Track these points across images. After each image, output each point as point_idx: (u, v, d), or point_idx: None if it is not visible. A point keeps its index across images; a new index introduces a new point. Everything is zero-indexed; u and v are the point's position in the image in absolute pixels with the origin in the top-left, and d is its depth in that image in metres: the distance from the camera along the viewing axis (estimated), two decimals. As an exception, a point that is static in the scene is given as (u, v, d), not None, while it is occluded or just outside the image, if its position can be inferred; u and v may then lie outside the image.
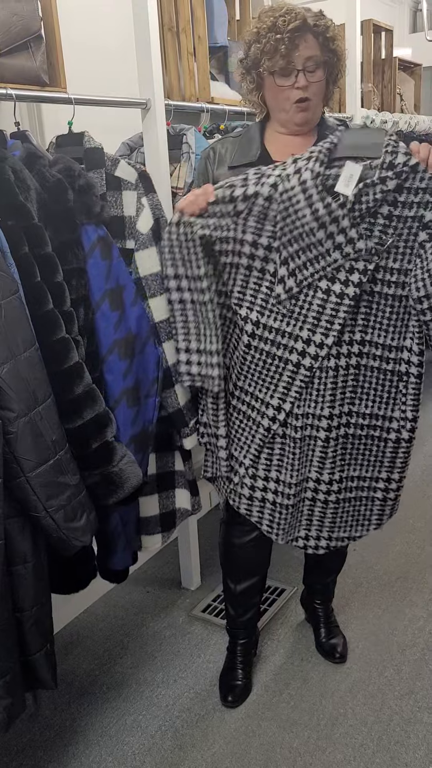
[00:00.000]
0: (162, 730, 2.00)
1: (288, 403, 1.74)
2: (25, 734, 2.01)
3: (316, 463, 1.79)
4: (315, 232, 1.61)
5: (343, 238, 1.60)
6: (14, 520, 1.49)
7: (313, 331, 1.68)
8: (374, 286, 1.66)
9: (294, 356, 1.71)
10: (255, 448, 1.82)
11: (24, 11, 1.75)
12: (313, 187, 1.58)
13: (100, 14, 2.42)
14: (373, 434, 1.81)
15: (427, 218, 1.60)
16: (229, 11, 2.74)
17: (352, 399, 1.76)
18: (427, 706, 2.03)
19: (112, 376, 1.74)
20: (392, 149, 1.57)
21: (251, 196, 1.62)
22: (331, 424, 1.75)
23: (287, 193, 1.60)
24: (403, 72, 4.15)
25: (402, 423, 1.79)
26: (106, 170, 1.81)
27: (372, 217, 1.61)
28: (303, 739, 1.95)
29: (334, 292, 1.65)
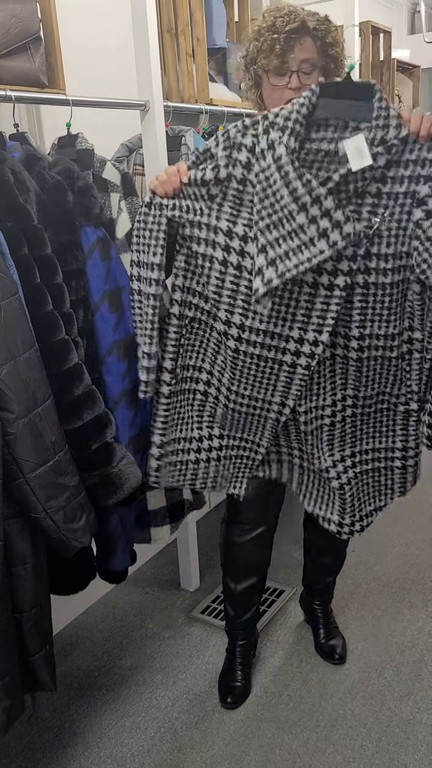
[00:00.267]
0: (161, 732, 2.00)
1: (291, 399, 1.66)
2: (24, 736, 2.01)
3: (326, 447, 1.73)
4: (295, 216, 1.41)
5: (327, 223, 1.40)
6: (14, 521, 1.49)
7: (305, 329, 1.55)
8: (368, 277, 1.50)
9: (288, 357, 1.59)
10: (269, 433, 1.75)
11: (23, 13, 1.75)
12: (289, 163, 1.40)
13: (99, 16, 2.42)
14: (381, 407, 1.73)
15: (423, 193, 1.43)
16: (228, 13, 2.74)
17: (356, 386, 1.65)
18: (426, 707, 2.03)
19: (112, 377, 1.75)
20: (384, 122, 1.41)
21: (224, 179, 1.47)
22: (335, 409, 1.69)
23: (263, 173, 1.43)
24: (402, 73, 4.15)
25: (409, 396, 1.69)
26: (94, 172, 1.82)
27: (359, 197, 1.44)
28: (302, 741, 1.95)
29: (322, 284, 1.49)
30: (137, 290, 1.65)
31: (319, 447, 1.74)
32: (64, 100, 1.83)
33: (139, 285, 1.63)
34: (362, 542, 2.85)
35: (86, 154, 1.82)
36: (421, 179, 1.44)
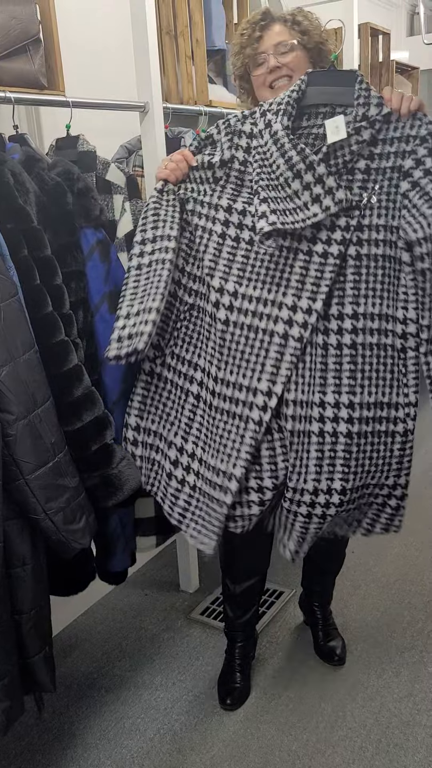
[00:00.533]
0: (160, 734, 2.00)
1: (279, 384, 1.56)
2: (23, 737, 2.01)
3: (313, 467, 1.61)
4: (290, 183, 1.52)
5: (321, 189, 1.50)
6: (13, 522, 1.49)
7: (299, 296, 1.55)
8: (360, 249, 1.55)
9: (280, 326, 1.56)
10: (246, 451, 1.59)
11: (23, 15, 1.76)
12: (284, 136, 1.52)
13: (98, 18, 2.43)
14: (379, 429, 1.62)
15: (407, 166, 1.53)
16: (227, 15, 2.75)
17: (352, 387, 1.58)
18: (425, 708, 2.03)
19: (111, 378, 1.75)
20: (364, 101, 1.53)
21: (228, 161, 1.60)
22: (324, 414, 1.58)
23: (261, 148, 1.57)
24: (401, 75, 4.16)
25: (407, 410, 1.62)
26: (97, 173, 1.82)
27: (350, 173, 1.54)
28: (302, 742, 1.94)
29: (316, 252, 1.54)
30: (146, 263, 1.61)
31: (304, 463, 1.61)
32: (64, 102, 1.83)
33: (139, 260, 1.62)
34: (362, 544, 2.85)
35: (88, 156, 1.83)
36: (406, 154, 1.53)
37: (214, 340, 1.62)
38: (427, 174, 1.52)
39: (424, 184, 1.52)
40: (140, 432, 1.74)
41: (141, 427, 1.74)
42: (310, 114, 1.59)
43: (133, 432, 1.75)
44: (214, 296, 1.60)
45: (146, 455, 1.77)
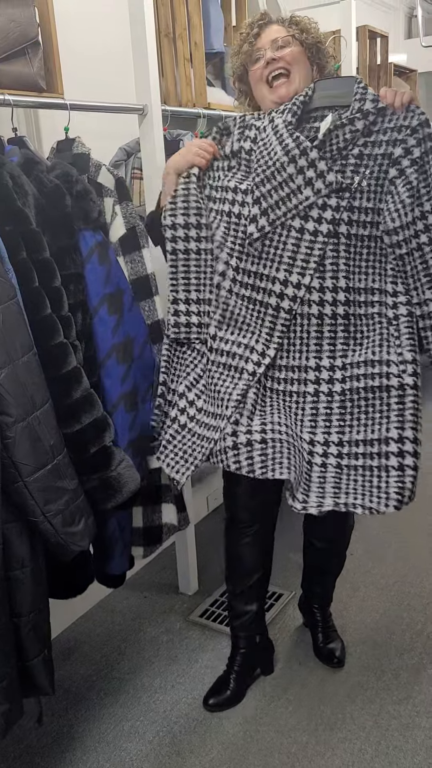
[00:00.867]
0: (160, 736, 2.00)
1: (272, 349, 1.71)
2: (22, 740, 2.00)
3: (308, 422, 1.71)
4: (286, 167, 1.63)
5: (313, 173, 1.62)
6: (12, 524, 1.49)
7: (290, 271, 1.67)
8: (351, 228, 1.66)
9: (273, 299, 1.70)
10: (238, 394, 1.72)
11: (21, 18, 1.76)
12: (284, 128, 1.65)
13: (97, 20, 2.43)
14: (372, 385, 1.66)
15: (396, 154, 1.62)
16: (225, 17, 2.75)
17: (345, 351, 1.71)
18: (425, 710, 2.03)
19: (110, 380, 1.75)
20: (360, 96, 1.63)
21: (237, 151, 1.74)
22: (319, 376, 1.71)
23: (263, 140, 1.69)
24: (399, 78, 4.17)
25: (402, 367, 1.64)
26: (89, 176, 1.82)
27: (344, 159, 1.64)
28: (301, 745, 1.94)
29: (307, 230, 1.66)
30: (183, 249, 1.76)
31: (299, 419, 1.71)
32: (63, 105, 1.84)
33: (186, 245, 1.77)
34: (361, 546, 2.85)
35: (82, 159, 1.83)
36: (397, 142, 1.63)
37: (216, 304, 1.77)
38: (414, 164, 1.61)
39: (409, 173, 1.62)
40: (168, 392, 1.87)
41: (168, 386, 1.88)
42: (316, 117, 1.70)
43: (159, 398, 1.87)
44: (221, 267, 1.75)
45: (167, 411, 1.88)
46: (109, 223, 1.82)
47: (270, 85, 1.78)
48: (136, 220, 1.86)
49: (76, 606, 2.48)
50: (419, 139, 1.61)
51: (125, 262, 1.85)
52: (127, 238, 1.83)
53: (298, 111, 1.68)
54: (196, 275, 1.78)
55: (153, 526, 2.08)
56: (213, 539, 2.81)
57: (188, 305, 1.79)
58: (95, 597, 2.59)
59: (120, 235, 1.83)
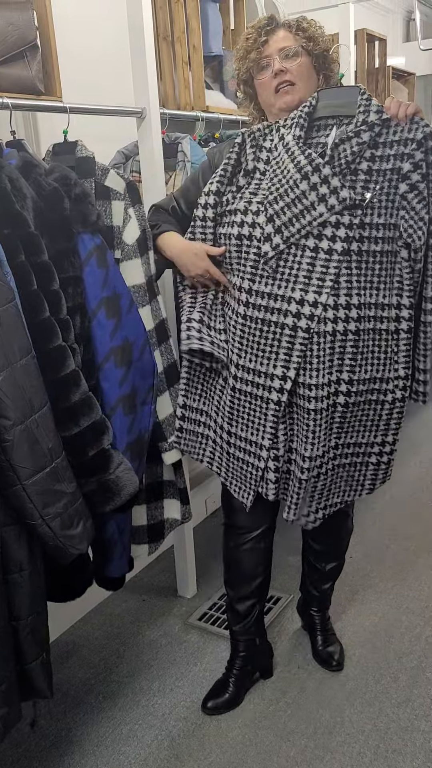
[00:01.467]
0: (158, 740, 1.99)
1: (292, 370, 1.72)
2: (20, 744, 2.00)
3: (323, 436, 1.77)
4: (299, 184, 1.63)
5: (326, 189, 1.62)
6: (10, 528, 1.48)
7: (306, 290, 1.68)
8: (362, 245, 1.66)
9: (289, 319, 1.70)
10: (271, 426, 1.79)
11: (20, 21, 1.76)
12: (294, 144, 1.66)
13: (95, 23, 2.43)
14: (370, 398, 1.79)
15: (405, 169, 1.63)
16: (223, 21, 2.76)
17: (352, 366, 1.74)
18: (424, 713, 2.03)
19: (108, 383, 1.75)
20: (364, 108, 1.64)
21: (252, 170, 1.76)
22: (330, 391, 1.73)
23: (275, 159, 1.71)
24: (397, 81, 4.17)
25: (396, 382, 1.79)
26: (96, 179, 1.82)
27: (353, 174, 1.64)
28: (300, 748, 1.94)
29: (322, 248, 1.66)
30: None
31: (317, 435, 1.76)
32: (61, 108, 1.84)
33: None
34: (359, 549, 2.85)
35: (87, 162, 1.83)
36: (405, 157, 1.64)
37: (233, 331, 1.80)
38: (425, 178, 1.63)
39: (422, 188, 1.64)
40: (186, 409, 1.97)
41: (187, 405, 1.96)
42: (320, 126, 1.71)
43: (181, 409, 1.97)
44: (235, 293, 1.78)
45: (191, 429, 1.98)
46: (122, 226, 1.83)
47: (276, 91, 1.77)
48: (147, 223, 1.87)
49: (75, 609, 2.48)
50: (425, 152, 1.62)
51: (141, 263, 1.86)
52: (142, 240, 1.85)
53: (305, 123, 1.68)
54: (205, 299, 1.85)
55: (156, 522, 2.09)
56: (212, 542, 2.81)
57: (201, 323, 1.84)
58: (94, 600, 2.58)
59: (136, 237, 1.84)
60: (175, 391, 1.99)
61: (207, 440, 1.97)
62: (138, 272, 1.86)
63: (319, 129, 1.71)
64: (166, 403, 1.98)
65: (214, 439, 1.95)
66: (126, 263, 1.85)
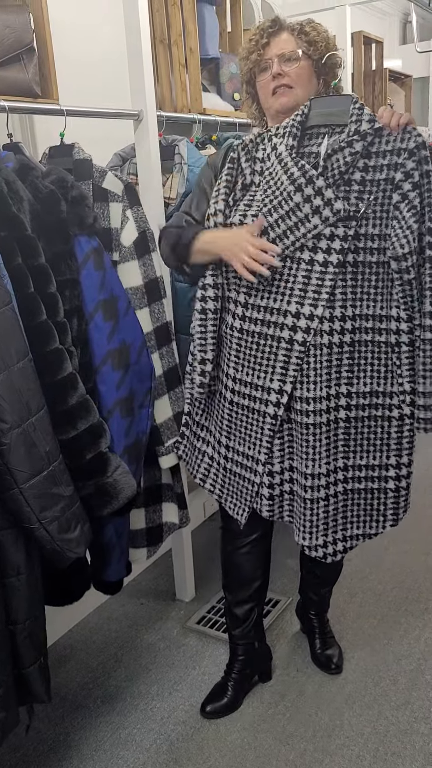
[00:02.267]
0: (157, 744, 1.99)
1: (288, 384, 1.71)
2: (18, 749, 1.99)
3: (324, 453, 1.75)
4: (292, 196, 1.62)
5: (320, 201, 1.61)
6: (7, 531, 1.48)
7: (301, 303, 1.67)
8: (357, 256, 1.66)
9: (285, 332, 1.69)
10: (267, 440, 1.78)
11: (16, 24, 1.76)
12: (287, 155, 1.65)
13: (92, 26, 2.43)
14: (375, 414, 1.77)
15: (397, 179, 1.62)
16: (220, 23, 2.76)
17: (349, 379, 1.73)
18: (423, 716, 2.02)
19: (106, 386, 1.74)
20: (357, 117, 1.63)
21: (249, 185, 1.75)
22: (330, 405, 1.72)
23: (268, 170, 1.70)
24: (394, 83, 4.18)
25: (402, 397, 1.75)
26: (93, 182, 1.82)
27: (347, 184, 1.63)
28: (299, 752, 1.93)
29: (317, 261, 1.65)
30: (212, 309, 1.78)
31: (317, 450, 1.73)
32: (58, 110, 1.84)
33: (215, 305, 1.78)
34: (358, 551, 2.84)
35: (84, 164, 1.83)
36: (398, 166, 1.63)
37: (228, 345, 1.79)
38: (416, 187, 1.62)
39: (413, 198, 1.62)
40: (188, 427, 1.98)
41: (193, 421, 1.97)
42: (312, 134, 1.70)
43: (186, 416, 1.98)
44: (230, 308, 1.77)
45: (192, 442, 1.98)
46: (120, 228, 1.83)
47: (274, 93, 1.78)
48: (147, 224, 1.87)
49: (73, 613, 2.47)
50: (417, 162, 1.61)
51: (139, 266, 1.86)
52: (140, 242, 1.84)
53: (298, 132, 1.68)
54: (212, 335, 1.79)
55: (154, 526, 2.09)
56: (210, 545, 2.81)
57: (213, 363, 1.82)
58: (92, 604, 2.58)
59: (133, 239, 1.84)
60: (175, 395, 1.99)
61: (204, 456, 1.97)
62: (135, 274, 1.86)
63: (311, 137, 1.70)
64: (164, 406, 1.97)
65: (211, 455, 1.95)
66: (123, 265, 1.85)
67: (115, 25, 2.27)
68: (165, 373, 1.97)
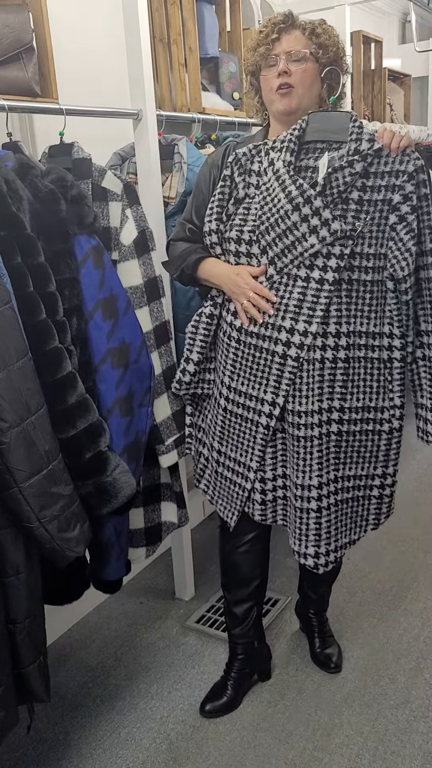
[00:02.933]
0: (156, 743, 1.99)
1: (281, 397, 1.73)
2: (17, 748, 1.99)
3: (316, 465, 1.76)
4: (290, 215, 1.63)
5: (317, 221, 1.62)
6: (7, 530, 1.48)
7: (296, 319, 1.68)
8: (352, 274, 1.67)
9: (279, 347, 1.71)
10: (259, 449, 1.81)
11: (16, 23, 1.76)
12: (285, 173, 1.64)
13: (91, 25, 2.43)
14: (366, 428, 1.80)
15: (395, 201, 1.63)
16: (220, 23, 2.75)
17: (343, 394, 1.75)
18: (422, 715, 2.02)
19: (105, 385, 1.74)
20: (357, 137, 1.63)
21: (243, 198, 1.74)
22: (322, 419, 1.74)
23: (265, 185, 1.69)
24: (393, 82, 4.18)
25: (392, 412, 1.79)
26: (93, 181, 1.82)
27: (344, 203, 1.64)
28: (299, 750, 1.94)
29: (313, 278, 1.66)
30: (217, 314, 1.84)
31: (310, 465, 1.76)
32: (57, 109, 1.84)
33: (216, 311, 1.84)
34: (357, 550, 2.84)
35: (84, 164, 1.83)
36: (396, 188, 1.64)
37: (225, 354, 1.82)
38: (414, 210, 1.64)
39: (411, 220, 1.65)
40: (193, 427, 2.02)
41: (194, 422, 2.01)
42: (309, 149, 1.70)
43: (189, 428, 2.02)
44: (229, 318, 1.79)
45: (198, 449, 2.02)
46: (120, 227, 1.83)
47: (276, 89, 1.76)
48: (146, 223, 1.87)
49: (72, 612, 2.47)
50: (416, 185, 1.63)
51: (139, 265, 1.86)
52: (139, 241, 1.84)
53: (295, 147, 1.67)
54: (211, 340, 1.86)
55: (153, 525, 2.09)
56: (209, 544, 2.81)
57: (197, 366, 1.88)
58: (91, 603, 2.58)
59: (133, 238, 1.84)
60: (174, 393, 1.99)
61: (200, 457, 2.01)
62: (135, 273, 1.86)
63: (308, 152, 1.70)
64: (164, 405, 1.98)
65: (207, 456, 1.97)
66: (123, 264, 1.85)
67: (114, 24, 2.28)
68: (164, 372, 1.97)
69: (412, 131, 4.00)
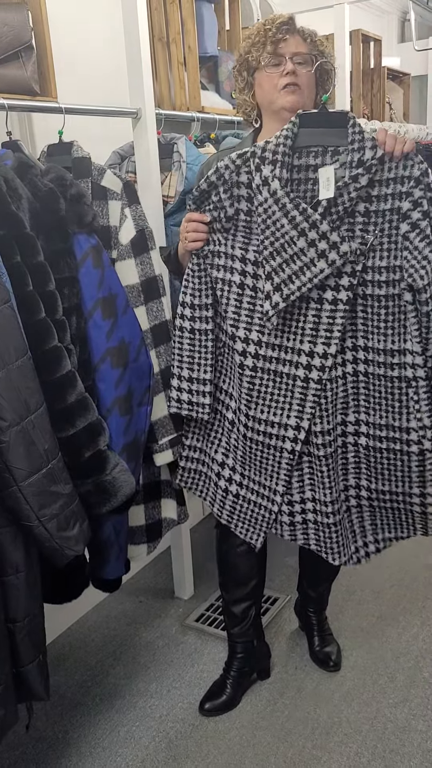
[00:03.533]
0: (156, 741, 1.99)
1: (306, 420, 1.70)
2: (17, 747, 1.99)
3: (352, 470, 1.77)
4: (296, 241, 1.57)
5: (325, 245, 1.55)
6: (6, 529, 1.48)
7: (314, 342, 1.65)
8: (365, 289, 1.62)
9: (300, 371, 1.68)
10: (285, 473, 1.78)
11: (15, 21, 1.76)
12: (284, 196, 1.55)
13: (90, 24, 2.43)
14: (393, 447, 1.72)
15: (405, 208, 1.56)
16: (219, 21, 2.75)
17: (366, 408, 1.71)
18: (421, 714, 2.03)
19: (105, 384, 1.74)
20: (359, 145, 1.55)
21: (234, 215, 1.64)
22: (346, 430, 1.73)
23: (262, 206, 1.58)
24: (392, 81, 4.18)
25: (421, 433, 1.68)
26: (92, 179, 1.82)
27: (350, 217, 1.57)
28: (298, 749, 1.94)
29: (326, 299, 1.62)
30: (189, 328, 1.77)
31: (335, 472, 1.75)
32: (56, 108, 1.83)
33: (191, 324, 1.77)
34: (356, 549, 2.84)
35: (83, 162, 1.83)
36: (403, 195, 1.56)
37: (240, 382, 1.75)
38: (426, 216, 1.56)
39: (424, 227, 1.56)
40: (184, 448, 1.95)
41: (186, 444, 1.95)
42: (302, 153, 1.59)
43: (189, 451, 1.96)
44: (240, 346, 1.72)
45: (193, 468, 1.96)
46: (119, 226, 1.83)
47: (282, 88, 1.74)
48: (145, 222, 1.87)
49: (72, 611, 2.47)
50: (424, 189, 1.55)
51: (136, 264, 1.86)
52: (137, 241, 1.84)
53: (288, 160, 1.57)
54: (189, 354, 1.79)
55: (154, 522, 2.08)
56: (208, 543, 2.81)
57: (180, 381, 1.82)
58: (90, 602, 2.58)
59: (131, 238, 1.84)
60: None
61: (208, 480, 1.97)
62: (132, 273, 1.85)
63: (300, 156, 1.59)
64: (161, 404, 1.97)
65: (209, 475, 1.94)
66: (121, 263, 1.84)
67: (113, 23, 2.27)
68: (162, 371, 1.97)
69: (411, 130, 4.00)
